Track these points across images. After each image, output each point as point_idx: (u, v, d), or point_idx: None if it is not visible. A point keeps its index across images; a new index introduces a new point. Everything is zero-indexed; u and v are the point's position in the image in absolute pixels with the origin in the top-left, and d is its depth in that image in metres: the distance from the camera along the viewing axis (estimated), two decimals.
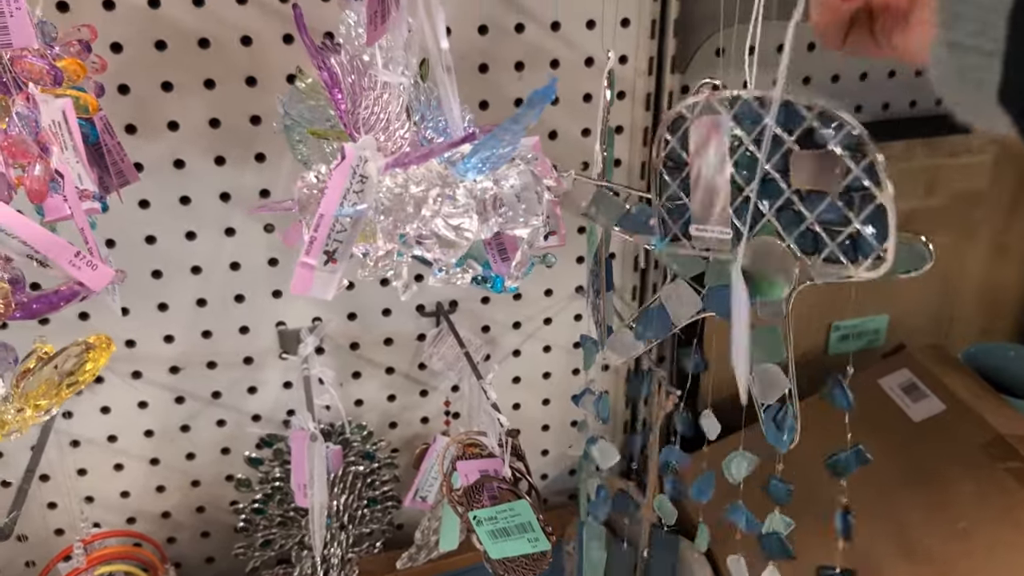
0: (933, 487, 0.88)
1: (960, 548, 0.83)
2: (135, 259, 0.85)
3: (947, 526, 0.85)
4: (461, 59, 0.85)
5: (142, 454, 0.95)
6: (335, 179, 0.47)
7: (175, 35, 0.78)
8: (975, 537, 0.83)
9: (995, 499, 0.85)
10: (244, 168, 0.84)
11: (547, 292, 0.99)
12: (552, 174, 0.54)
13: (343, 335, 0.94)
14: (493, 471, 0.75)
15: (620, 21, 0.87)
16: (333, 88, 0.52)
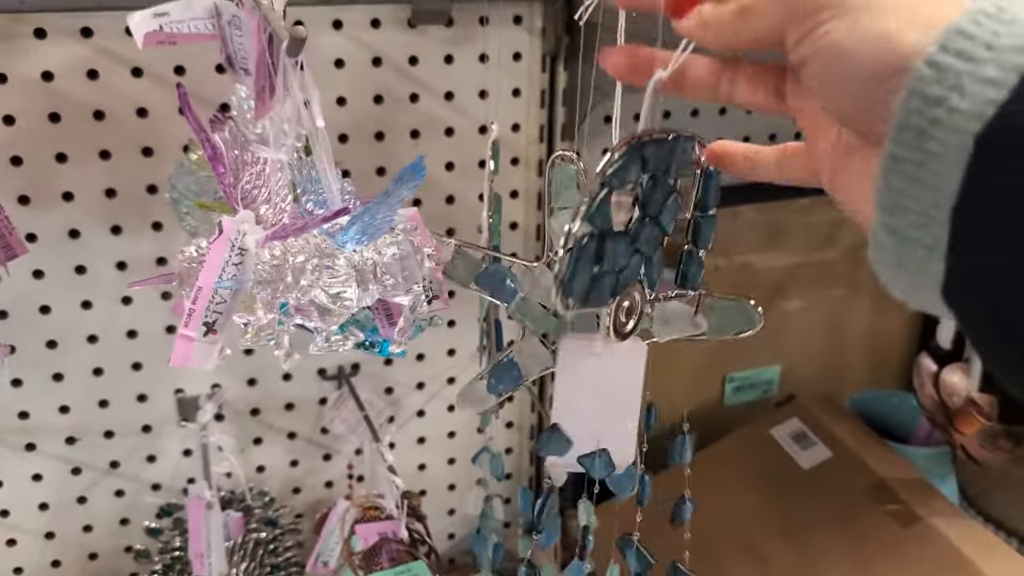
0: (821, 532, 0.92)
1: None
2: (29, 330, 0.84)
3: (832, 569, 0.88)
4: (357, 127, 0.87)
5: (36, 528, 0.92)
6: (213, 252, 0.48)
7: (69, 107, 0.79)
8: None
9: (878, 541, 0.89)
10: (141, 237, 0.85)
11: (450, 352, 1.01)
12: (431, 243, 0.57)
13: (243, 401, 0.94)
14: (391, 533, 0.77)
15: (511, 91, 0.91)
16: (216, 163, 0.54)
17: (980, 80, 0.28)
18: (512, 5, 0.87)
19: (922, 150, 0.29)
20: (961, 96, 0.28)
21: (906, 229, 0.30)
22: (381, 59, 0.86)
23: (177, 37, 0.67)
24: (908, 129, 0.29)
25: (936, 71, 0.29)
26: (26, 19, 0.75)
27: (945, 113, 0.28)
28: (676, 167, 0.48)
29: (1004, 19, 0.28)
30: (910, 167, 0.30)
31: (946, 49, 0.29)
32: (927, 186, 0.29)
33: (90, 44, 0.78)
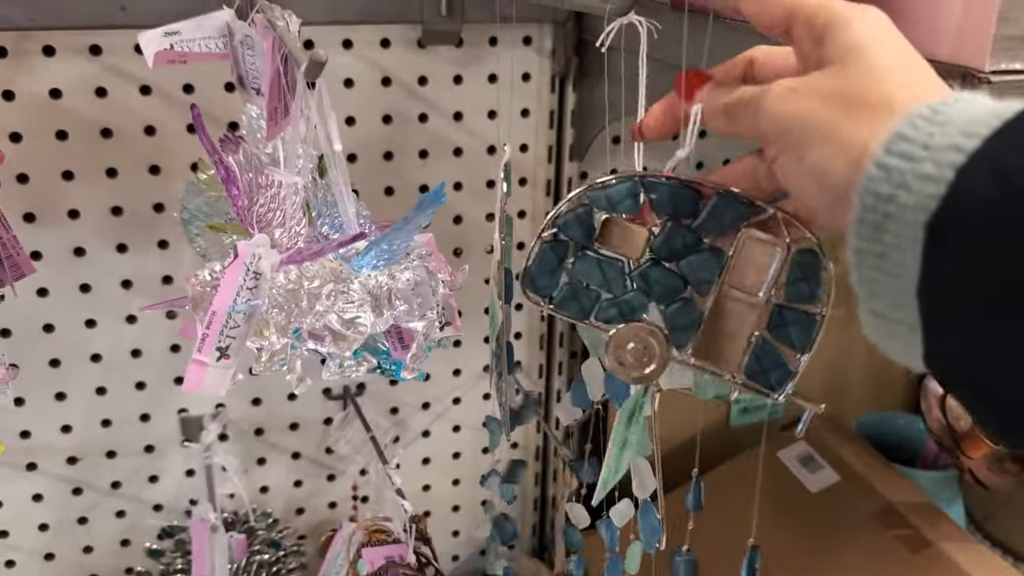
0: (828, 556, 0.91)
1: None
2: (32, 348, 0.83)
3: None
4: (366, 147, 0.87)
5: (36, 549, 0.91)
6: (228, 277, 0.48)
7: (77, 125, 0.78)
8: None
9: (887, 565, 0.88)
10: (146, 255, 0.84)
11: (455, 372, 1.00)
12: (447, 269, 0.56)
13: (247, 420, 0.93)
14: (398, 557, 0.76)
15: (520, 112, 0.91)
16: (230, 185, 0.53)
17: (919, 176, 0.31)
18: (522, 26, 0.87)
19: (881, 242, 0.33)
20: (908, 192, 0.31)
21: (886, 311, 0.33)
22: (391, 79, 0.86)
23: (188, 56, 0.67)
24: (865, 224, 0.33)
25: (884, 171, 0.32)
26: (35, 36, 0.75)
27: (896, 208, 0.32)
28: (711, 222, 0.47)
29: (938, 120, 0.32)
30: (873, 258, 0.33)
31: (889, 151, 0.32)
32: (892, 274, 0.33)
33: (99, 62, 0.77)
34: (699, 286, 0.48)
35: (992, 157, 0.30)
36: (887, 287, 0.33)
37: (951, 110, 0.32)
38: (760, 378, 0.49)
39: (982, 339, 0.31)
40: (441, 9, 0.82)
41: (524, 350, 1.02)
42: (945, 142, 0.31)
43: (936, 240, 0.31)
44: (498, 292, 0.74)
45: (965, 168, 0.30)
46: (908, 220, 0.31)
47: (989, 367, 0.31)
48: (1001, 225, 0.29)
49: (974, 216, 0.30)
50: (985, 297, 0.30)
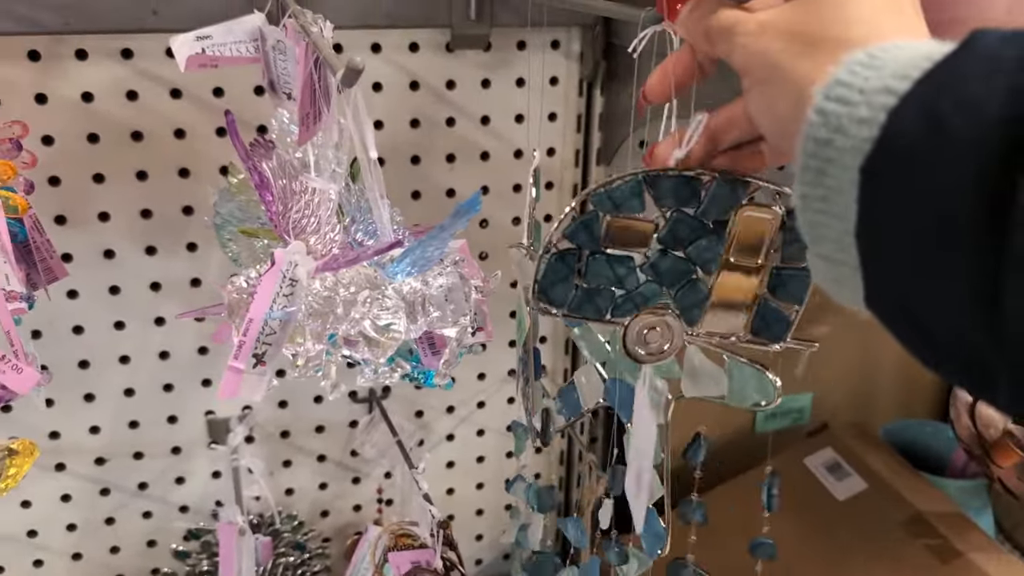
0: (856, 565, 0.90)
1: None
2: (62, 350, 0.84)
3: None
4: (394, 151, 0.87)
5: (63, 549, 0.92)
6: (265, 284, 0.48)
7: (108, 128, 0.79)
8: None
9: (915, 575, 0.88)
10: (175, 258, 0.84)
11: (480, 376, 1.00)
12: (479, 274, 0.56)
13: (273, 423, 0.93)
14: (425, 562, 0.76)
15: (548, 116, 0.91)
16: (264, 191, 0.53)
17: (855, 120, 0.32)
18: (551, 30, 0.87)
19: (823, 186, 0.33)
20: (845, 136, 0.32)
21: (831, 254, 0.34)
22: (419, 83, 0.86)
23: (219, 60, 0.67)
24: (808, 170, 0.34)
25: (822, 117, 0.33)
26: (68, 40, 0.75)
27: (835, 152, 0.32)
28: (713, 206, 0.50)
29: (874, 65, 0.33)
30: (817, 202, 0.34)
31: (828, 97, 0.33)
32: (835, 216, 0.33)
33: (130, 65, 0.78)
34: (705, 266, 0.52)
35: (921, 98, 0.31)
36: (831, 229, 0.34)
37: (888, 54, 0.33)
38: (765, 333, 0.53)
39: (914, 277, 0.31)
40: (470, 13, 0.81)
41: (549, 354, 1.01)
42: (879, 85, 0.32)
43: (870, 182, 0.32)
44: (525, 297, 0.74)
45: (896, 110, 0.31)
46: (846, 164, 0.32)
47: (922, 305, 0.31)
48: (929, 164, 0.30)
49: (904, 157, 0.30)
50: (916, 236, 0.30)
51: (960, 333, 0.30)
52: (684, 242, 0.51)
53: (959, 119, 0.29)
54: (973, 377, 0.32)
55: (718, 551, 0.65)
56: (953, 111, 0.29)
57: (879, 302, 0.34)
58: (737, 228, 0.50)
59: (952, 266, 0.29)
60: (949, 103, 0.30)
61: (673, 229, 0.51)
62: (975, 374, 0.31)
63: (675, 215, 0.50)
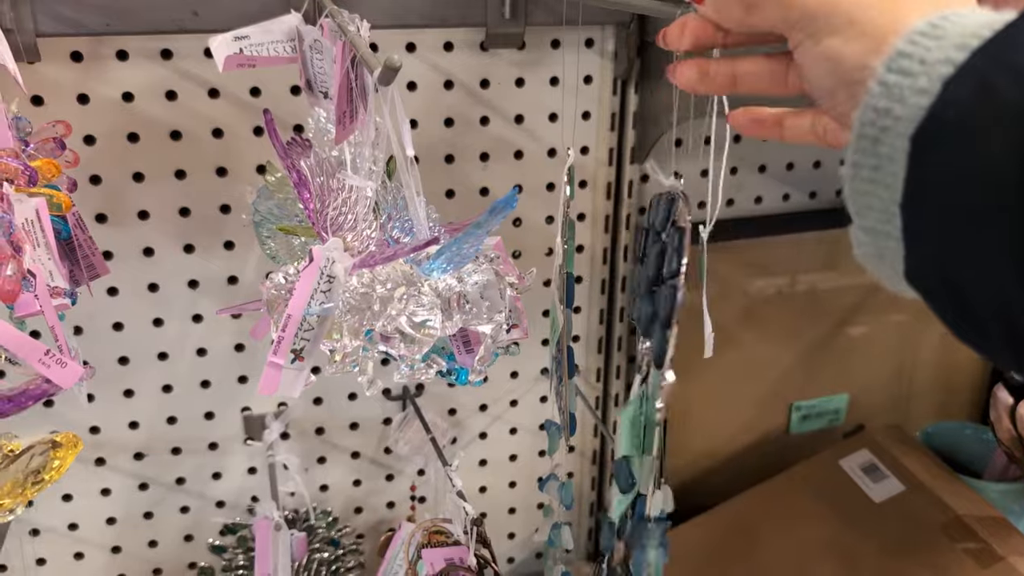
0: (894, 569, 0.89)
1: None
2: (102, 346, 0.85)
3: None
4: (428, 150, 0.87)
5: (103, 542, 0.93)
6: (303, 280, 0.48)
7: (148, 127, 0.80)
8: None
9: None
10: (213, 256, 0.85)
11: (513, 374, 1.00)
12: (515, 272, 0.56)
13: (309, 420, 0.94)
14: (458, 559, 0.76)
15: (581, 114, 0.91)
16: (302, 188, 0.54)
17: (915, 91, 0.32)
18: (585, 28, 0.87)
19: (876, 155, 0.33)
20: (903, 105, 0.32)
21: (876, 225, 0.34)
22: (453, 82, 0.86)
23: (257, 60, 0.68)
24: (864, 138, 0.33)
25: (884, 87, 0.33)
26: (109, 41, 0.76)
27: (892, 121, 0.32)
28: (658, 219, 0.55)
29: (935, 35, 0.33)
30: (868, 171, 0.34)
31: (890, 68, 0.33)
32: (884, 185, 0.33)
33: (169, 66, 0.79)
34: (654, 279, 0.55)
35: (975, 69, 0.31)
36: (880, 199, 0.33)
37: (949, 23, 0.33)
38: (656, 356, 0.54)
39: (958, 247, 0.31)
40: (505, 12, 0.82)
41: (582, 354, 1.01)
42: (939, 56, 0.32)
43: (919, 151, 0.31)
44: (559, 296, 0.74)
45: (951, 79, 0.31)
46: (900, 132, 0.32)
47: (965, 275, 0.31)
48: (979, 132, 0.30)
49: (954, 125, 0.30)
50: (961, 205, 0.30)
51: (1004, 302, 0.30)
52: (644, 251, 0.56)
53: (1011, 87, 0.29)
54: (1015, 350, 0.31)
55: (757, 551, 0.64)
56: (1005, 79, 0.29)
57: (920, 275, 0.33)
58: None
59: (998, 233, 0.29)
60: (1002, 72, 0.30)
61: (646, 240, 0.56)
62: (1017, 347, 0.31)
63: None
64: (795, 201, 1.03)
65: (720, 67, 0.48)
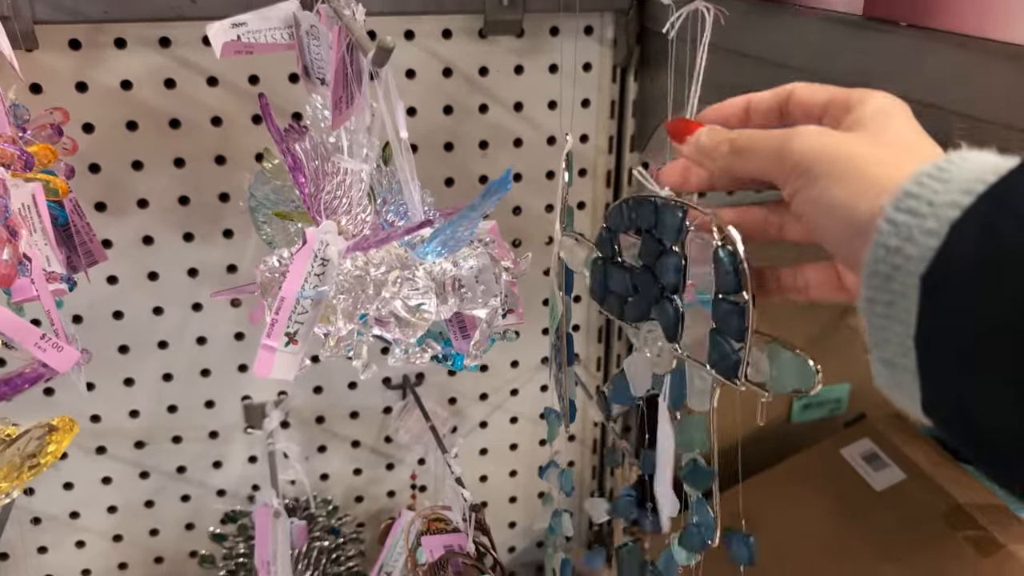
0: (895, 557, 0.89)
1: None
2: (102, 334, 0.85)
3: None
4: (427, 138, 0.87)
5: (104, 531, 0.93)
6: (297, 263, 0.48)
7: (146, 115, 0.80)
8: None
9: (957, 568, 0.86)
10: (212, 244, 0.85)
11: (513, 363, 1.00)
12: (510, 256, 0.56)
13: (309, 409, 0.94)
14: (457, 546, 0.76)
15: (581, 102, 0.90)
16: (297, 173, 0.54)
17: (924, 231, 0.33)
18: (584, 16, 0.87)
19: (889, 291, 0.34)
20: (913, 245, 0.33)
21: (893, 358, 0.35)
22: (451, 70, 0.86)
23: (254, 47, 0.68)
24: (876, 275, 0.35)
25: (893, 226, 0.34)
26: (107, 29, 0.76)
27: (903, 260, 0.34)
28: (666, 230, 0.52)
29: (943, 178, 0.34)
30: (882, 307, 0.35)
31: (898, 208, 0.34)
32: (898, 321, 0.34)
33: (168, 54, 0.79)
34: (671, 287, 0.53)
35: (982, 213, 0.32)
36: (895, 333, 0.34)
37: (955, 167, 0.34)
38: (720, 367, 0.51)
39: (970, 388, 0.32)
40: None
41: (583, 343, 1.01)
42: (946, 199, 0.33)
43: (929, 292, 0.33)
44: (558, 283, 0.73)
45: (957, 224, 0.32)
46: (912, 271, 0.33)
47: (980, 411, 0.32)
48: (985, 276, 0.31)
49: (961, 270, 0.32)
50: (971, 348, 0.32)
51: (1017, 437, 0.31)
52: (652, 261, 0.54)
53: (1015, 232, 0.31)
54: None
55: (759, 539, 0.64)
56: (1010, 225, 0.31)
57: (936, 408, 0.34)
58: (689, 253, 0.51)
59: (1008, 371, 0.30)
60: (1007, 217, 0.31)
61: (644, 248, 0.54)
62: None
63: (644, 235, 0.54)
64: None
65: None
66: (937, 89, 0.56)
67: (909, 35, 0.57)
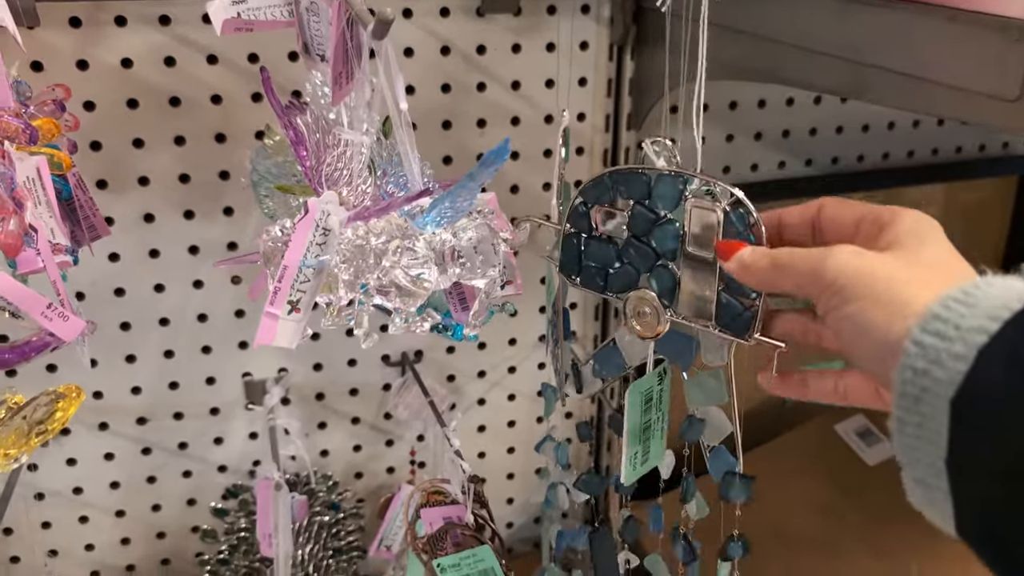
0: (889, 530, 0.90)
1: None
2: (104, 311, 0.86)
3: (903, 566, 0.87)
4: (425, 116, 0.88)
5: (107, 506, 0.95)
6: (299, 232, 0.49)
7: (147, 94, 0.81)
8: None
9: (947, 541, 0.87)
10: (212, 222, 0.86)
11: (511, 341, 1.01)
12: (508, 227, 0.57)
13: (309, 386, 0.95)
14: (456, 518, 0.77)
15: (578, 80, 0.91)
16: (298, 146, 0.55)
17: (952, 355, 0.34)
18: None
19: (919, 413, 0.35)
20: (941, 368, 0.34)
21: (926, 478, 0.36)
22: (449, 48, 0.86)
23: (254, 24, 0.68)
24: (906, 396, 0.35)
25: (920, 348, 0.35)
26: (107, 7, 0.77)
27: (931, 382, 0.34)
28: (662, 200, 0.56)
29: (969, 302, 0.35)
30: (912, 427, 0.35)
31: (925, 330, 0.35)
32: (929, 441, 0.35)
33: (168, 31, 0.79)
34: (667, 254, 0.56)
35: (1009, 341, 0.33)
36: (926, 454, 0.35)
37: (981, 292, 0.35)
38: (730, 326, 0.54)
39: (1001, 514, 0.33)
40: None
41: (579, 320, 1.02)
42: (973, 323, 0.34)
43: (959, 416, 0.34)
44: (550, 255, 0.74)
45: (985, 350, 0.33)
46: (940, 394, 0.34)
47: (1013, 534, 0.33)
48: (1012, 408, 0.32)
49: (990, 397, 0.33)
50: (1002, 474, 0.32)
51: None
52: (645, 231, 0.57)
53: None
54: None
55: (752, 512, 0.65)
56: None
57: (969, 528, 0.35)
58: (687, 220, 0.54)
59: None
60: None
61: (634, 220, 0.57)
62: None
63: (635, 207, 0.57)
64: (791, 168, 1.04)
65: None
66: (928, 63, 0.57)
67: (900, 9, 0.58)
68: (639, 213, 0.57)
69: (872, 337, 0.39)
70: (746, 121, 1.00)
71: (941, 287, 0.37)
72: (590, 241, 0.60)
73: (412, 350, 0.97)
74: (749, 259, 0.48)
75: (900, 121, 1.07)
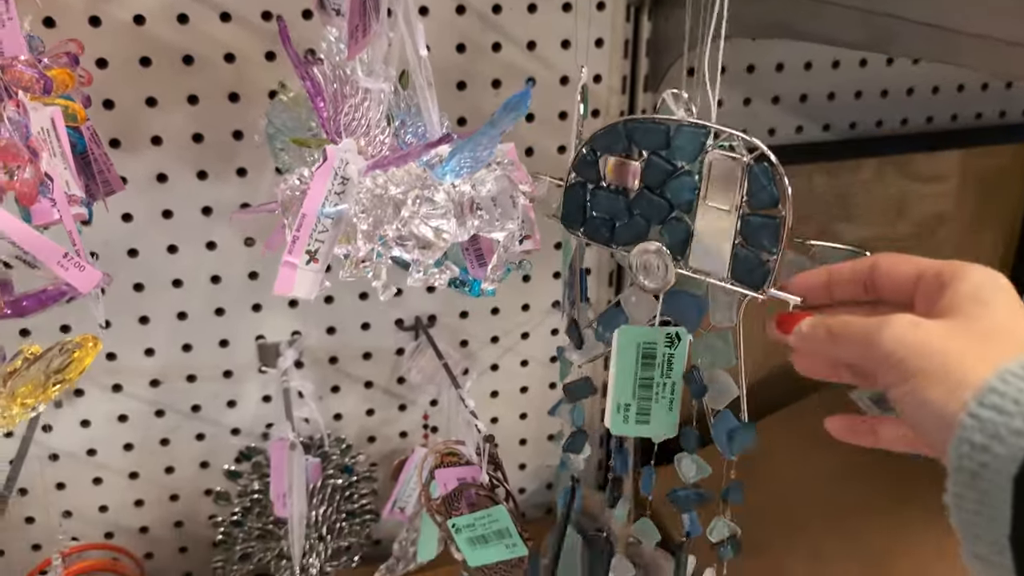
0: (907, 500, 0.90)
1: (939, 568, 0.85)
2: (117, 272, 0.86)
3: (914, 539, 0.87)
4: (440, 76, 0.85)
5: (121, 468, 0.95)
6: (317, 180, 0.48)
7: (160, 51, 0.80)
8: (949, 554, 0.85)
9: None
10: (226, 182, 0.86)
11: (524, 307, 1.00)
12: (527, 180, 0.56)
13: (322, 349, 0.95)
14: (471, 478, 0.77)
15: (594, 41, 0.90)
16: (316, 96, 0.54)
17: (1011, 431, 0.33)
18: None
19: (977, 489, 0.35)
20: (1001, 443, 0.34)
21: (988, 555, 0.35)
22: (465, 7, 0.85)
23: None
24: (963, 471, 0.35)
25: (977, 422, 0.35)
26: None
27: (990, 458, 0.34)
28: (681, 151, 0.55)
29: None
30: (971, 504, 0.35)
31: (982, 403, 0.35)
32: (990, 518, 0.34)
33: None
34: (682, 206, 0.56)
35: None
36: (986, 531, 0.35)
37: None
38: (745, 280, 0.55)
39: None
40: None
41: (594, 286, 1.02)
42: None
43: (1022, 493, 0.33)
44: None
45: None
46: (1001, 470, 0.34)
47: None
48: None
49: None
50: None
51: None
52: (660, 182, 0.56)
53: None
54: None
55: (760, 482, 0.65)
56: None
57: None
58: (707, 171, 0.54)
59: None
60: None
61: (649, 171, 0.56)
62: None
63: (650, 158, 0.56)
64: (808, 133, 1.03)
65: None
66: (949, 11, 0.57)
67: None
68: (655, 164, 0.56)
69: (932, 413, 0.38)
70: (764, 84, 0.99)
71: (999, 359, 0.36)
72: (597, 191, 0.60)
73: (425, 314, 0.96)
74: (807, 329, 0.47)
75: (919, 87, 1.06)
